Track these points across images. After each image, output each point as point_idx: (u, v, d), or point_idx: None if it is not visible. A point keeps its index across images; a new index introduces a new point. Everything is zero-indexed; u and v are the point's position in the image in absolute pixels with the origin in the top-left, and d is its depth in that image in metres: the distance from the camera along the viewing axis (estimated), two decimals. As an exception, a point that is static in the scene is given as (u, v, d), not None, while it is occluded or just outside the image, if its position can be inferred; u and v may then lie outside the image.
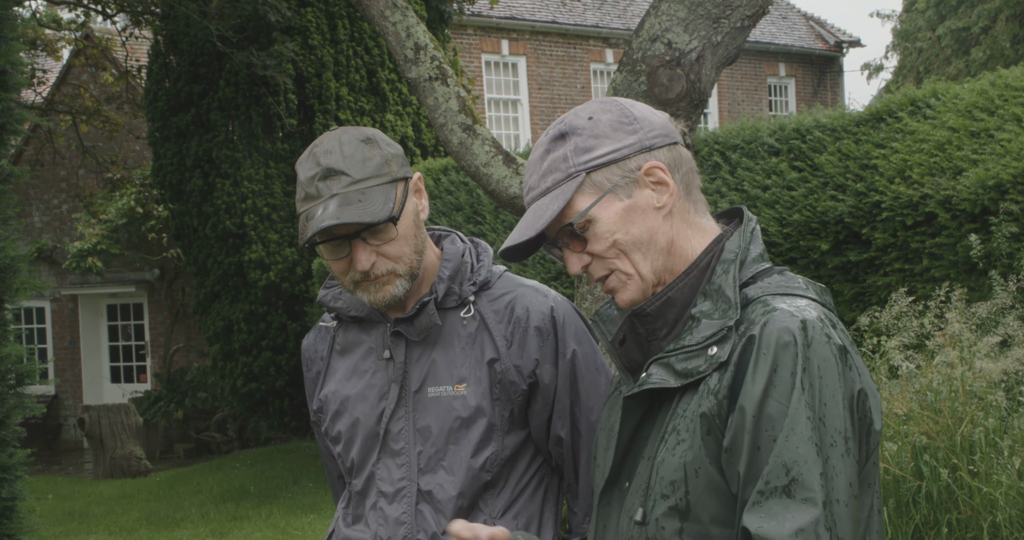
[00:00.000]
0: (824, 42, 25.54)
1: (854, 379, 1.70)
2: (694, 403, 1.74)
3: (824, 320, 1.72)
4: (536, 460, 2.40)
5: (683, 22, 5.23)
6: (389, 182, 2.27)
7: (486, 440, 2.33)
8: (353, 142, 2.29)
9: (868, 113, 8.78)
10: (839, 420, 1.66)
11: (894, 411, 5.84)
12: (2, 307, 6.57)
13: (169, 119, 14.29)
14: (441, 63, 5.66)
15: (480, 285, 2.38)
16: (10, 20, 6.44)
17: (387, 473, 2.36)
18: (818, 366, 1.67)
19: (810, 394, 1.65)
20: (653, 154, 1.83)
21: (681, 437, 1.74)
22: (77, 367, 20.34)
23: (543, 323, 2.35)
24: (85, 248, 18.27)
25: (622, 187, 1.82)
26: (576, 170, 1.83)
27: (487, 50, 20.30)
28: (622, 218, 1.82)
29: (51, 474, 16.49)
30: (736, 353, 1.71)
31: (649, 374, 1.80)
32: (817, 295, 1.80)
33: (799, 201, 8.50)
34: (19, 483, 6.40)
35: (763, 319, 1.71)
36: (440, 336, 2.36)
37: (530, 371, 2.34)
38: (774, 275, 1.81)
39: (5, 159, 6.63)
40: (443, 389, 2.34)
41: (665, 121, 1.86)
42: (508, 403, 2.34)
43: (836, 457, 1.65)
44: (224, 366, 14.60)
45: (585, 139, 1.83)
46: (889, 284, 7.91)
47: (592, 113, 1.86)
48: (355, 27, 14.01)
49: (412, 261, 2.31)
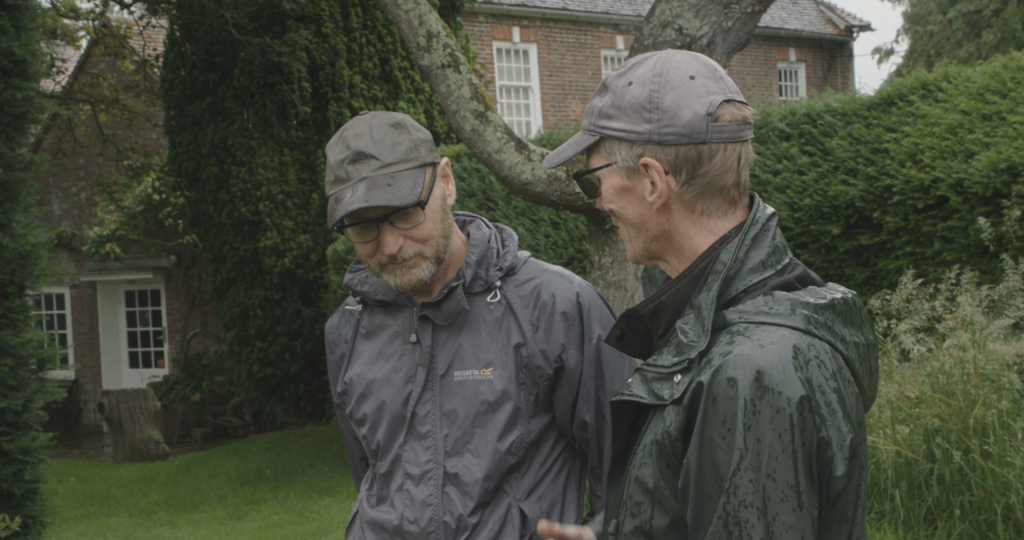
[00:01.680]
0: (834, 26, 25.44)
1: (814, 429, 1.61)
2: (655, 428, 1.70)
3: (788, 363, 1.61)
4: (560, 443, 2.41)
5: (694, 8, 5.27)
6: (418, 167, 2.29)
7: (512, 424, 2.35)
8: (383, 126, 2.31)
9: (879, 97, 8.79)
10: (790, 474, 1.58)
11: (906, 394, 5.88)
12: (23, 293, 6.63)
13: (185, 107, 14.37)
14: (453, 50, 5.70)
15: (506, 270, 2.39)
16: (29, 10, 6.50)
17: (413, 455, 2.38)
18: (769, 419, 1.58)
19: (755, 453, 1.58)
20: (662, 149, 1.74)
21: (645, 460, 1.71)
22: (96, 352, 20.48)
23: (569, 308, 2.36)
24: (104, 234, 18.38)
25: (623, 168, 1.78)
26: (595, 129, 1.80)
27: (498, 37, 20.31)
28: (619, 193, 1.80)
29: (72, 458, 16.62)
30: (688, 396, 1.64)
31: (630, 384, 1.76)
32: (804, 320, 1.67)
33: (810, 185, 8.53)
34: (41, 466, 6.47)
35: (718, 363, 1.62)
36: (466, 321, 2.37)
37: (556, 356, 2.35)
38: (759, 297, 1.70)
39: (25, 148, 6.69)
40: (469, 373, 2.36)
41: (696, 119, 1.73)
42: (534, 387, 2.36)
43: (787, 512, 1.58)
44: (240, 351, 14.70)
45: (610, 105, 1.78)
46: (900, 268, 7.94)
47: (635, 79, 1.77)
48: (368, 15, 14.05)
49: (439, 244, 2.32)
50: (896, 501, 5.64)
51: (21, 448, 6.29)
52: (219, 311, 15.02)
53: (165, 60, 14.66)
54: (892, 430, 5.81)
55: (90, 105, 16.46)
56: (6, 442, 6.24)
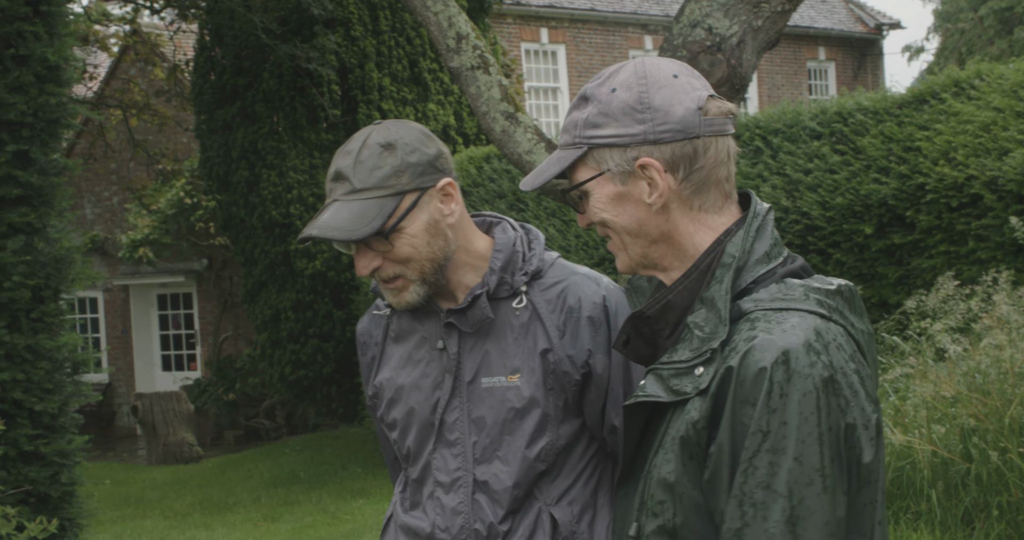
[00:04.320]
0: (864, 25, 25.32)
1: (840, 412, 1.63)
2: (679, 423, 1.71)
3: (812, 346, 1.63)
4: (591, 447, 2.39)
5: (723, 7, 5.26)
6: (391, 194, 2.25)
7: (540, 430, 2.32)
8: (373, 146, 2.28)
9: (911, 95, 8.74)
10: (816, 458, 1.60)
11: (942, 394, 5.84)
12: (58, 297, 6.69)
13: (215, 112, 14.45)
14: (483, 52, 5.71)
15: (532, 274, 2.37)
16: (63, 16, 6.56)
17: (443, 463, 2.37)
18: (796, 401, 1.60)
19: (779, 436, 1.60)
20: (658, 148, 1.75)
21: (668, 456, 1.71)
22: (129, 355, 20.62)
23: (595, 313, 2.33)
24: (137, 239, 18.52)
25: (617, 173, 1.78)
26: (581, 141, 1.80)
27: (526, 39, 20.33)
28: (613, 202, 1.79)
29: (106, 460, 16.75)
30: (715, 383, 1.66)
31: (643, 385, 1.76)
32: (818, 304, 1.70)
33: (842, 184, 8.49)
34: (77, 469, 6.52)
35: (745, 347, 1.64)
36: (493, 326, 2.35)
37: (583, 361, 2.32)
38: (772, 285, 1.73)
39: (58, 153, 6.75)
40: (497, 380, 2.34)
41: (688, 113, 1.76)
42: (562, 393, 2.33)
43: (812, 496, 1.60)
44: (272, 354, 14.76)
45: (597, 113, 1.79)
46: (934, 266, 7.89)
47: (618, 85, 1.79)
48: (396, 18, 14.09)
49: (424, 268, 2.29)
50: (933, 501, 5.60)
51: (57, 451, 6.34)
52: (251, 314, 15.09)
53: (195, 65, 14.75)
54: (928, 430, 5.77)
55: (121, 110, 16.59)
56: (43, 445, 6.29)
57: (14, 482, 6.13)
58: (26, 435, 6.25)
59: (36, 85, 6.36)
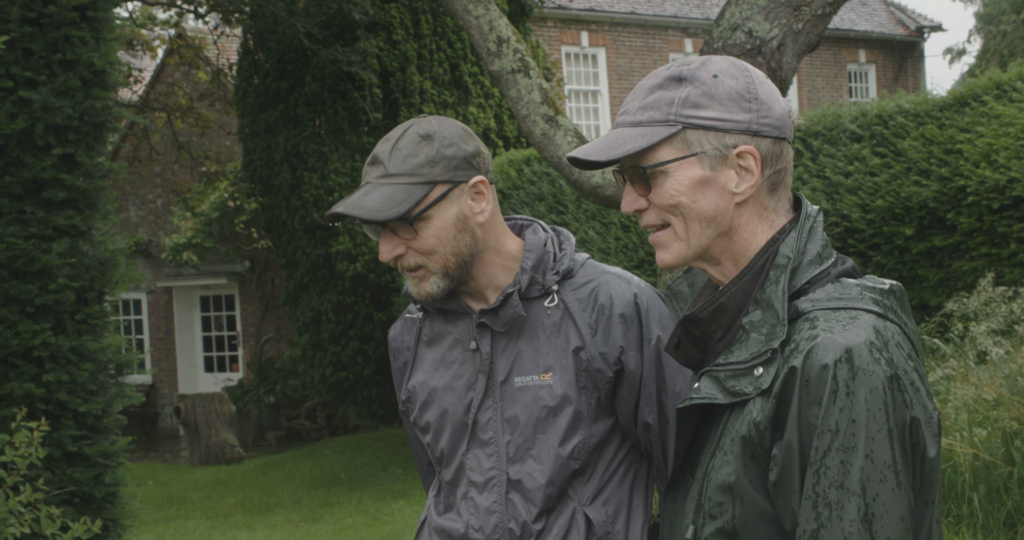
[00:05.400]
0: (904, 27, 25.13)
1: (905, 407, 1.63)
2: (739, 424, 1.70)
3: (873, 344, 1.63)
4: (624, 446, 2.39)
5: (763, 10, 5.26)
6: (422, 183, 2.28)
7: (573, 428, 2.33)
8: (412, 135, 2.32)
9: (952, 98, 8.70)
10: (887, 454, 1.60)
11: (983, 397, 5.81)
12: (102, 299, 6.76)
13: (258, 115, 14.56)
14: (523, 56, 5.74)
15: (563, 274, 2.38)
16: (109, 21, 6.65)
17: (477, 463, 2.39)
18: (864, 398, 1.59)
19: (849, 434, 1.59)
20: (755, 140, 1.74)
21: (727, 458, 1.71)
22: (172, 357, 20.81)
23: (627, 310, 2.34)
24: (181, 242, 18.69)
25: (709, 157, 1.74)
26: (676, 119, 1.75)
27: (567, 42, 20.34)
28: (695, 186, 1.75)
29: (149, 461, 16.89)
30: (779, 383, 1.65)
31: (698, 387, 1.76)
32: (874, 303, 1.69)
33: (882, 187, 8.45)
34: (121, 470, 6.58)
35: (807, 346, 1.63)
36: (525, 326, 2.37)
37: (615, 358, 2.33)
38: (827, 285, 1.72)
39: (103, 156, 6.83)
40: (530, 378, 2.35)
41: (784, 114, 1.77)
42: (594, 391, 2.34)
43: (886, 493, 1.59)
44: (313, 355, 14.86)
45: (699, 94, 1.75)
46: (975, 269, 7.84)
47: (719, 72, 1.76)
48: (438, 22, 14.15)
49: (447, 262, 2.31)
50: (975, 505, 5.58)
51: (101, 452, 6.40)
52: (292, 315, 15.19)
53: (239, 69, 14.88)
54: (969, 433, 5.74)
55: (166, 113, 16.74)
56: (87, 446, 6.36)
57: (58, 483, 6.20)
58: (70, 436, 6.32)
59: (82, 89, 6.45)
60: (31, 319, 6.33)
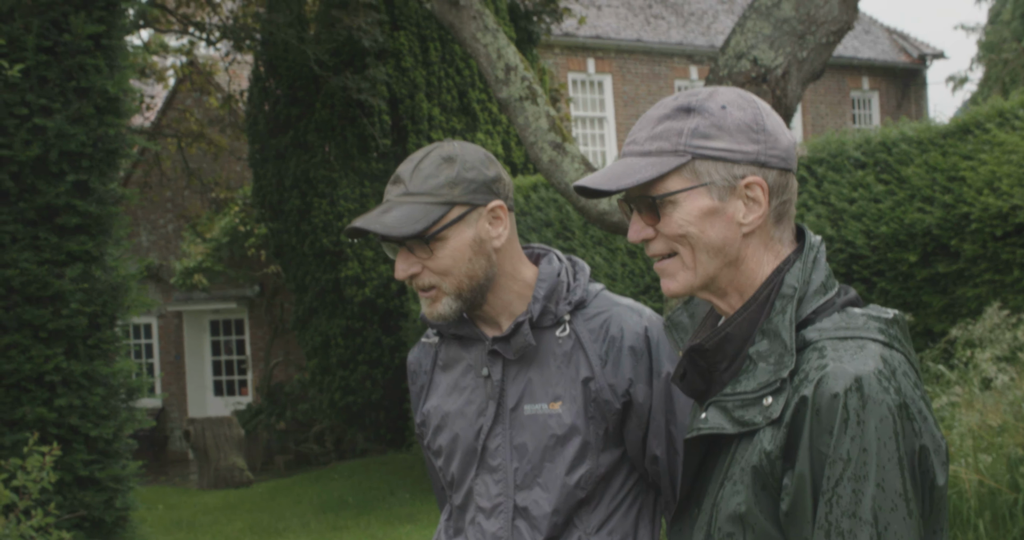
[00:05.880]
0: (907, 55, 25.19)
1: (914, 436, 1.64)
2: (748, 453, 1.70)
3: (882, 372, 1.64)
4: (631, 476, 2.40)
5: (768, 39, 5.31)
6: (440, 203, 2.30)
7: (580, 458, 2.33)
8: (434, 157, 2.34)
9: (955, 125, 8.73)
10: (898, 482, 1.61)
11: (988, 423, 5.83)
12: (114, 324, 6.81)
13: (268, 141, 14.67)
14: (531, 83, 5.79)
15: (576, 304, 2.39)
16: (122, 49, 6.73)
17: (485, 489, 2.39)
18: (874, 427, 1.60)
19: (860, 463, 1.60)
20: (763, 171, 1.76)
21: (736, 488, 1.71)
22: (182, 381, 20.84)
23: (637, 343, 2.35)
24: (191, 266, 18.77)
25: (718, 187, 1.75)
26: (685, 149, 1.75)
27: (573, 68, 20.44)
28: (703, 216, 1.75)
29: (159, 484, 16.88)
30: (789, 413, 1.66)
31: (705, 418, 1.76)
32: (880, 332, 1.71)
33: (886, 213, 8.50)
34: (131, 494, 6.62)
35: (817, 376, 1.64)
36: (536, 354, 2.37)
37: (624, 390, 2.33)
38: (834, 314, 1.74)
39: (116, 182, 6.90)
40: (539, 407, 2.35)
41: (790, 146, 1.79)
42: (603, 421, 2.34)
43: (898, 521, 1.60)
44: (322, 380, 14.89)
45: (708, 125, 1.76)
46: (979, 295, 7.87)
47: (727, 103, 1.77)
48: (446, 49, 14.26)
49: (460, 283, 2.33)
50: (980, 531, 5.59)
51: (112, 476, 6.44)
52: (301, 340, 15.24)
53: (249, 95, 15.00)
54: (974, 459, 5.75)
55: (177, 139, 16.85)
56: (98, 470, 6.40)
57: (69, 507, 6.24)
58: (82, 460, 6.36)
59: (96, 116, 6.52)
60: (43, 344, 6.39)
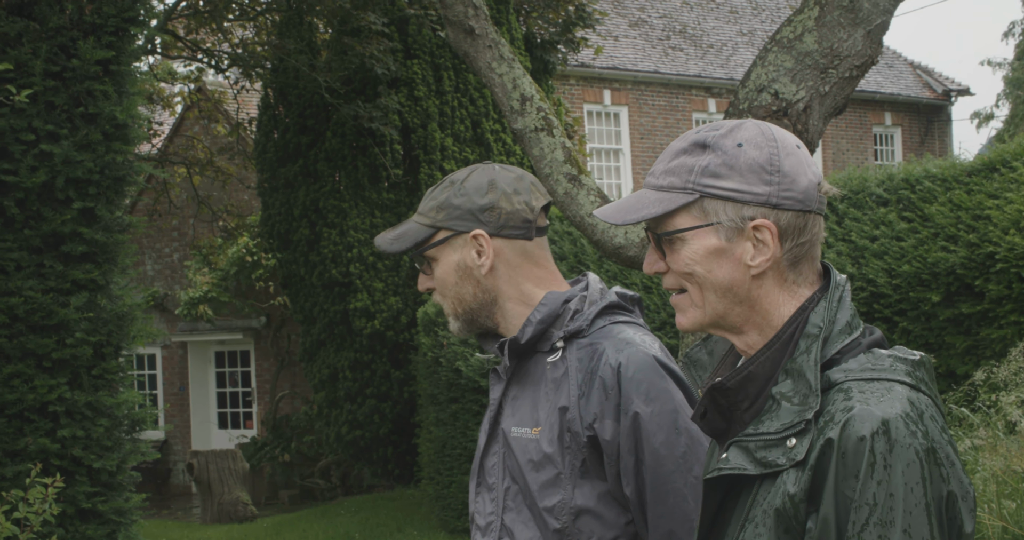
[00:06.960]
0: (932, 91, 25.14)
1: (942, 481, 1.61)
2: (771, 495, 1.68)
3: (909, 416, 1.61)
4: (623, 517, 2.36)
5: (790, 72, 5.21)
6: (427, 225, 2.45)
7: (553, 486, 2.33)
8: (449, 179, 2.48)
9: (980, 163, 8.62)
10: (925, 529, 1.58)
11: (1012, 468, 5.70)
12: (119, 354, 6.72)
13: (277, 170, 14.58)
14: (547, 114, 5.71)
15: (570, 333, 2.39)
16: (131, 75, 6.65)
17: (483, 506, 2.46)
18: (901, 472, 1.58)
19: (886, 508, 1.57)
20: (775, 213, 1.73)
21: (759, 530, 1.68)
22: (186, 413, 20.71)
23: (608, 378, 2.32)
24: (196, 296, 18.66)
25: (725, 228, 1.74)
26: (694, 188, 1.75)
27: (589, 100, 20.41)
28: (710, 256, 1.75)
29: (161, 518, 16.75)
30: (814, 455, 1.63)
31: (726, 458, 1.73)
32: (907, 375, 1.68)
33: (909, 252, 8.36)
34: (134, 527, 6.51)
35: (843, 418, 1.62)
36: (533, 378, 2.42)
37: (588, 424, 2.32)
38: (859, 355, 1.71)
39: (122, 210, 6.81)
40: (523, 431, 2.40)
41: (811, 186, 1.75)
42: (579, 452, 2.33)
43: None
44: (329, 413, 14.75)
45: (719, 164, 1.74)
46: (1004, 337, 7.72)
47: (744, 141, 1.75)
48: (460, 78, 14.20)
49: (454, 305, 2.45)
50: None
51: (115, 509, 6.33)
52: (308, 372, 15.11)
53: (259, 123, 14.93)
54: (998, 505, 5.62)
55: (185, 167, 16.78)
56: (100, 503, 6.29)
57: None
58: (84, 492, 6.26)
59: (103, 143, 6.44)
60: (47, 373, 6.29)
